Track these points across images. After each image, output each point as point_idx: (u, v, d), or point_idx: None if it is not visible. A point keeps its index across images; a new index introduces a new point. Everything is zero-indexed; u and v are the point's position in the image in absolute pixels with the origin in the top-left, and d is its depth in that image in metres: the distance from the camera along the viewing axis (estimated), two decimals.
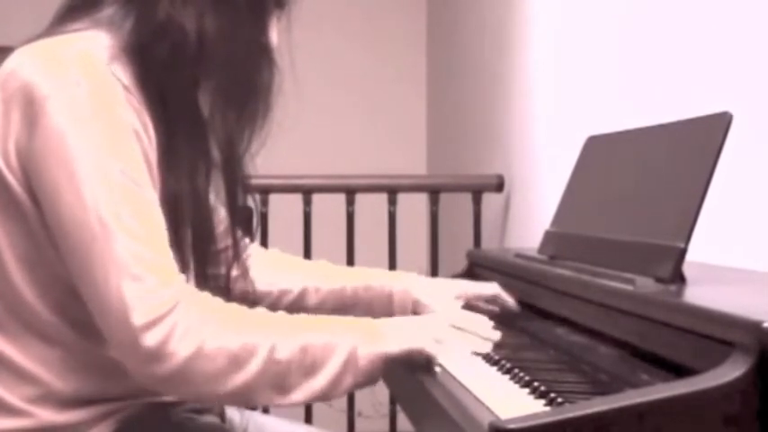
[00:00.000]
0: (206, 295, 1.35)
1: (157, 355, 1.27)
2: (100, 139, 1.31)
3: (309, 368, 1.32)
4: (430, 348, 1.39)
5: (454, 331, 1.42)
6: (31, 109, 1.32)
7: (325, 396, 1.33)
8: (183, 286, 1.32)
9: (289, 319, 1.39)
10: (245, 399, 1.34)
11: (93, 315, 1.32)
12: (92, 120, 1.31)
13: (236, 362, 1.29)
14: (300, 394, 1.32)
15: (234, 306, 1.36)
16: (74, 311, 1.38)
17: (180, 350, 1.27)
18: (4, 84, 1.36)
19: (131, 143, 1.33)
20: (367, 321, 1.40)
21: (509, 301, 1.81)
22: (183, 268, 1.37)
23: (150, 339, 1.26)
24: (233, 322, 1.32)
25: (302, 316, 1.41)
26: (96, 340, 1.39)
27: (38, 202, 1.34)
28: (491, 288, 1.83)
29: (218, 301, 1.35)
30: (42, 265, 1.37)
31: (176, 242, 1.36)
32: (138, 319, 1.26)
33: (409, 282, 1.79)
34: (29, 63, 1.36)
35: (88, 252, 1.29)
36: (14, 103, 1.33)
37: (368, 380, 1.36)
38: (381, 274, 1.83)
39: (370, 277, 1.80)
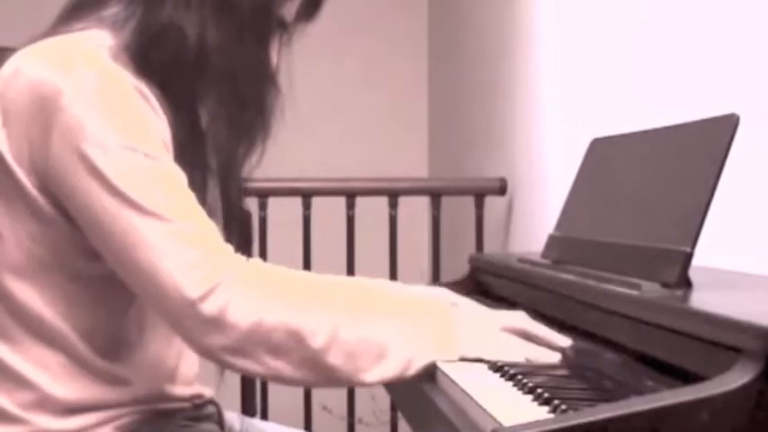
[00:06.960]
0: (258, 262, 1.36)
1: (218, 323, 1.27)
2: (118, 124, 1.30)
3: (378, 352, 1.31)
4: (492, 357, 1.36)
5: (522, 342, 1.40)
6: (43, 107, 1.31)
7: (400, 378, 1.33)
8: (231, 254, 1.32)
9: (357, 290, 1.39)
10: (314, 377, 1.31)
11: (146, 302, 1.34)
12: (107, 108, 1.31)
13: (298, 337, 1.28)
14: (373, 375, 1.31)
15: (294, 273, 1.36)
16: (80, 319, 1.37)
17: (241, 319, 1.27)
18: (8, 85, 1.35)
19: (148, 125, 1.33)
20: (440, 315, 1.38)
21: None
22: None
23: (208, 309, 1.26)
24: (295, 294, 1.32)
25: (372, 292, 1.40)
26: (100, 349, 1.39)
27: (56, 202, 1.33)
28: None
29: (275, 267, 1.35)
30: (55, 271, 1.36)
31: None
32: (191, 292, 1.26)
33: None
34: (34, 62, 1.35)
35: (128, 240, 1.28)
36: (23, 104, 1.32)
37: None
38: None
39: None
